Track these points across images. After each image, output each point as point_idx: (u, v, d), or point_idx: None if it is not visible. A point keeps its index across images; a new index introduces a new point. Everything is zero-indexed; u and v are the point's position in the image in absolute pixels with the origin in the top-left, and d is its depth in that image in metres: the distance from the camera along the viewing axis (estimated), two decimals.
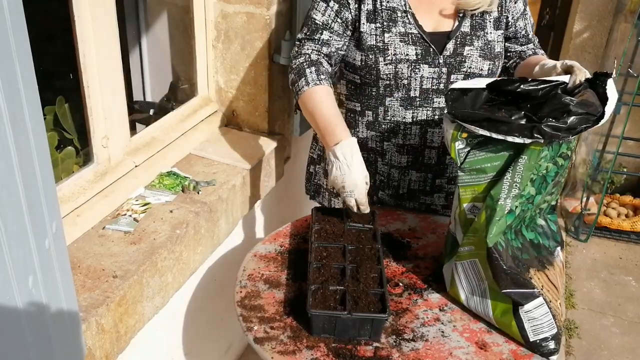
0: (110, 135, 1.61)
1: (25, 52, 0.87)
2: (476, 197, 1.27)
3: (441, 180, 1.70)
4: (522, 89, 1.23)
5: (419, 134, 1.62)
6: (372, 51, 1.54)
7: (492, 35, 1.57)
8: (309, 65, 1.54)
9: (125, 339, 1.41)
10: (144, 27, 2.32)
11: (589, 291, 2.94)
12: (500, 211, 1.21)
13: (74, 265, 1.38)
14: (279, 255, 1.50)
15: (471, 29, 1.55)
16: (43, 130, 0.94)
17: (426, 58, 1.53)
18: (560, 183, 1.33)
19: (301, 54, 1.58)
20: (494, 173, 1.24)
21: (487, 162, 1.24)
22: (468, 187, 1.28)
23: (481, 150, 1.24)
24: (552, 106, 1.18)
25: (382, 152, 1.67)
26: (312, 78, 1.52)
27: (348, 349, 1.21)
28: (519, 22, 1.61)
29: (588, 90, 1.23)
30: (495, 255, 1.22)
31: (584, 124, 1.16)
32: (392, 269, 1.47)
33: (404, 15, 1.53)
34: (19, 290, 0.93)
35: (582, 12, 3.30)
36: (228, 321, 2.10)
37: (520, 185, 1.20)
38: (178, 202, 1.67)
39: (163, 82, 2.33)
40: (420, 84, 1.55)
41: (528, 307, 1.22)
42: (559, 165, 1.26)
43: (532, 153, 1.19)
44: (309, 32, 1.57)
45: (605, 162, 3.24)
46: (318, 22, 1.56)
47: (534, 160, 1.19)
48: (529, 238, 1.31)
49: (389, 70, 1.54)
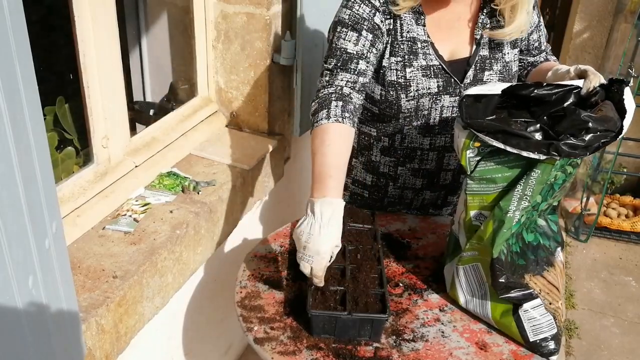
0: (110, 135, 1.61)
1: (25, 52, 0.87)
2: (484, 206, 1.25)
3: (453, 197, 1.68)
4: (535, 93, 1.20)
5: (436, 159, 1.57)
6: (394, 87, 1.46)
7: (510, 55, 1.51)
8: (338, 98, 1.37)
9: (125, 339, 1.41)
10: (144, 27, 2.32)
11: (589, 291, 2.94)
12: (508, 223, 1.20)
13: (74, 265, 1.38)
14: (279, 256, 1.50)
15: (490, 52, 1.49)
16: (43, 130, 0.94)
17: (447, 89, 1.47)
18: (565, 188, 1.31)
19: (332, 84, 1.40)
20: (504, 184, 1.21)
21: (498, 172, 1.20)
22: (476, 195, 1.25)
23: (492, 160, 1.20)
24: (571, 122, 1.14)
25: (395, 176, 1.62)
26: (336, 113, 1.34)
27: (348, 349, 1.21)
28: (532, 35, 1.56)
29: (606, 103, 1.19)
30: (498, 266, 1.22)
31: (602, 139, 1.12)
32: (392, 269, 1.46)
33: (424, 46, 1.45)
34: (19, 290, 0.93)
35: (582, 12, 3.30)
36: (228, 321, 2.10)
37: (531, 198, 1.19)
38: (178, 203, 1.67)
39: (163, 82, 2.33)
40: (440, 113, 1.49)
41: (527, 307, 1.22)
42: (567, 173, 1.23)
43: (546, 168, 1.16)
44: (341, 62, 1.41)
45: (605, 163, 3.24)
46: (351, 52, 1.40)
47: (546, 175, 1.17)
48: (527, 240, 1.31)
49: (410, 105, 1.47)
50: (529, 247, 1.30)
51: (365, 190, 1.69)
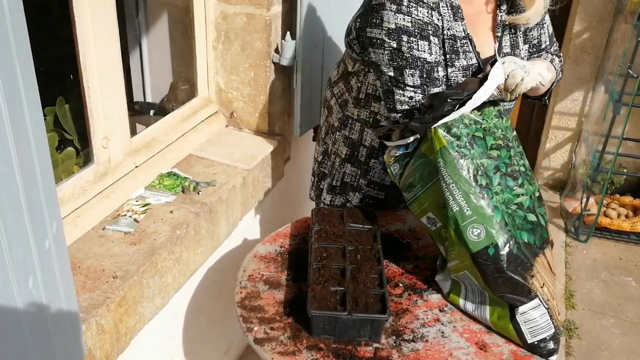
0: (111, 135, 1.61)
1: (25, 52, 0.87)
2: (424, 208, 1.34)
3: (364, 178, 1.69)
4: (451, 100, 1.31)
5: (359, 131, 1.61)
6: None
7: (524, 51, 1.51)
8: None
9: (125, 340, 1.41)
10: (144, 28, 2.32)
11: (589, 292, 2.94)
12: (460, 217, 1.22)
13: (74, 265, 1.38)
14: (279, 256, 1.50)
15: (511, 48, 1.49)
16: (43, 130, 0.94)
17: None
18: (522, 173, 1.31)
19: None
20: (421, 183, 1.33)
21: (410, 176, 1.34)
22: (412, 203, 1.36)
23: (406, 168, 1.35)
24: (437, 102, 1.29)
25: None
26: None
27: (348, 349, 1.21)
28: (532, 31, 1.53)
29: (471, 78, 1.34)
30: (481, 260, 1.21)
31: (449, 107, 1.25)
32: (392, 270, 1.47)
33: (463, 43, 1.42)
34: (19, 290, 0.93)
35: (582, 12, 3.30)
36: (228, 322, 2.10)
37: (456, 184, 1.23)
38: (178, 203, 1.67)
39: (163, 82, 2.33)
40: None
41: (524, 309, 1.22)
42: (496, 156, 1.28)
43: (442, 153, 1.25)
44: (425, 74, 1.39)
45: (605, 163, 3.24)
46: (430, 61, 1.38)
47: (448, 158, 1.24)
48: (524, 239, 1.30)
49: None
50: (528, 245, 1.30)
51: (382, 191, 1.68)
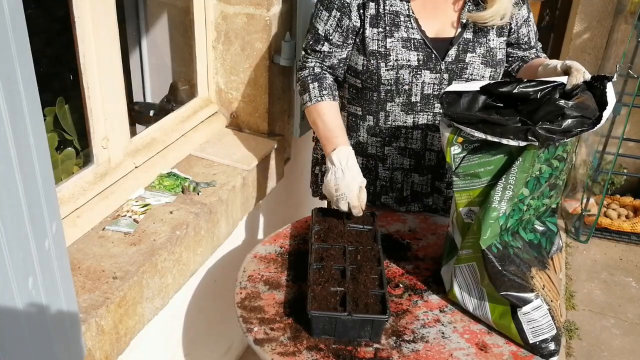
0: (110, 136, 1.61)
1: (25, 52, 0.87)
2: (472, 201, 1.27)
3: (440, 183, 1.70)
4: (518, 90, 1.22)
5: (420, 138, 1.62)
6: (374, 56, 1.52)
7: (495, 43, 1.55)
8: (313, 80, 1.57)
9: (125, 340, 1.41)
10: (144, 28, 2.32)
11: (589, 292, 2.94)
12: (493, 213, 1.21)
13: (73, 266, 1.38)
14: (279, 257, 1.50)
15: (474, 36, 1.54)
16: (43, 131, 0.94)
17: (428, 64, 1.52)
18: (558, 186, 1.32)
19: (305, 67, 1.60)
20: (488, 177, 1.24)
21: (481, 167, 1.24)
22: (463, 192, 1.28)
23: (476, 155, 1.24)
24: (547, 109, 1.18)
25: (382, 157, 1.67)
26: (315, 94, 1.56)
27: (348, 350, 1.21)
28: (522, 28, 1.59)
29: (586, 93, 1.22)
30: (490, 257, 1.22)
31: (579, 127, 1.16)
32: (392, 270, 1.46)
33: (407, 20, 1.51)
34: (19, 291, 0.92)
35: (582, 13, 3.30)
36: (228, 322, 2.10)
37: (515, 187, 1.20)
38: (178, 203, 1.67)
39: (163, 83, 2.33)
40: (422, 89, 1.54)
41: (526, 309, 1.22)
42: (554, 167, 1.25)
43: (527, 155, 1.18)
44: (312, 42, 1.58)
45: (606, 163, 3.24)
46: (320, 33, 1.56)
47: (528, 162, 1.19)
48: (528, 239, 1.31)
49: (390, 76, 1.52)
50: (530, 244, 1.30)
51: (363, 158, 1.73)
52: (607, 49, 3.32)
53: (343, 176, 1.44)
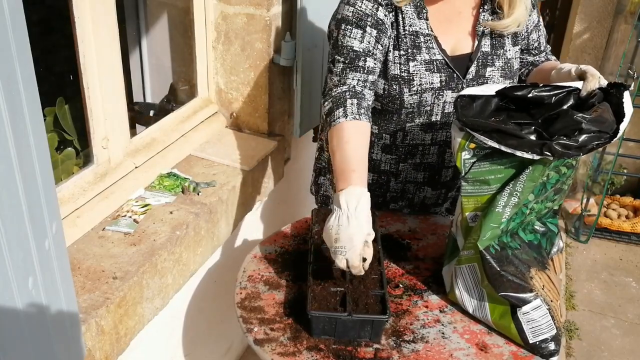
0: (110, 136, 1.61)
1: (25, 52, 0.87)
2: (478, 207, 1.25)
3: (452, 192, 1.68)
4: (533, 94, 1.19)
5: (437, 153, 1.57)
6: (397, 81, 1.45)
7: (511, 53, 1.52)
8: (352, 96, 1.38)
9: (125, 341, 1.41)
10: (144, 28, 2.32)
11: (589, 292, 2.94)
12: (496, 217, 1.20)
13: (73, 266, 1.38)
14: (279, 257, 1.49)
15: (492, 48, 1.50)
16: (43, 131, 0.94)
17: (450, 84, 1.47)
18: (563, 190, 1.31)
19: (344, 83, 1.41)
20: (498, 185, 1.21)
21: (491, 174, 1.21)
22: (471, 197, 1.25)
23: (486, 161, 1.20)
24: (564, 123, 1.14)
25: (396, 172, 1.61)
26: (352, 110, 1.35)
27: (348, 350, 1.21)
28: (532, 34, 1.56)
29: (603, 104, 1.18)
30: (488, 258, 1.22)
31: (596, 141, 1.12)
32: (392, 270, 1.46)
33: (427, 40, 1.45)
34: (19, 291, 0.92)
35: (582, 13, 3.30)
36: (228, 322, 2.10)
37: (521, 195, 1.19)
38: (178, 204, 1.67)
39: (163, 83, 2.33)
40: (443, 109, 1.49)
41: (526, 309, 1.22)
42: (562, 173, 1.24)
43: (538, 167, 1.16)
44: (348, 60, 1.41)
45: (606, 164, 3.24)
46: (357, 50, 1.41)
47: (538, 172, 1.17)
48: (527, 240, 1.31)
49: (413, 100, 1.47)
50: (529, 245, 1.30)
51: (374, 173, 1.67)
52: (607, 49, 3.32)
53: (348, 224, 1.20)
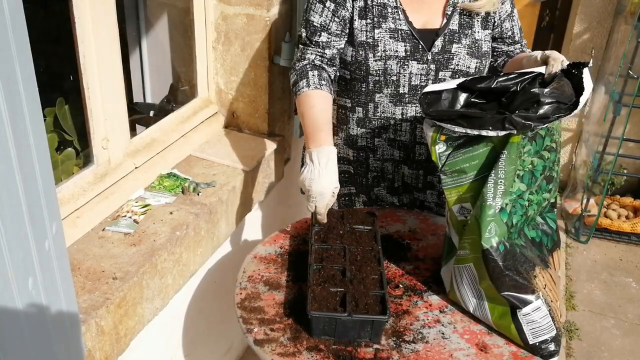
0: (110, 136, 1.61)
1: (25, 53, 0.87)
2: (461, 197, 1.29)
3: (432, 177, 1.71)
4: (497, 84, 1.24)
5: (409, 130, 1.64)
6: (362, 47, 1.55)
7: (480, 35, 1.58)
8: (312, 68, 1.56)
9: (125, 341, 1.40)
10: (144, 29, 2.32)
11: (589, 293, 2.94)
12: (489, 210, 1.21)
13: (73, 266, 1.38)
14: (279, 257, 1.49)
15: (459, 27, 1.57)
16: (43, 131, 0.94)
17: (415, 55, 1.55)
18: (554, 178, 1.33)
19: (305, 58, 1.59)
20: (474, 172, 1.25)
21: (466, 162, 1.26)
22: (452, 189, 1.30)
23: (459, 151, 1.26)
24: (522, 98, 1.20)
25: (373, 148, 1.69)
26: (314, 81, 1.54)
27: (348, 350, 1.21)
28: (505, 23, 1.62)
29: (563, 79, 1.24)
30: (492, 256, 1.21)
31: (556, 113, 1.18)
32: (392, 271, 1.46)
33: (394, 11, 1.54)
34: (19, 291, 0.92)
35: (582, 13, 3.30)
36: (228, 323, 2.10)
37: (505, 181, 1.21)
38: (178, 204, 1.67)
39: (163, 83, 2.33)
40: (409, 80, 1.57)
41: (526, 310, 1.22)
42: (546, 158, 1.27)
43: (512, 147, 1.20)
44: (308, 34, 1.58)
45: (606, 164, 3.24)
46: (316, 24, 1.56)
47: (514, 154, 1.20)
48: (530, 236, 1.31)
49: (378, 67, 1.55)
50: (532, 242, 1.30)
51: (350, 165, 1.76)
52: (607, 49, 3.32)
53: (319, 178, 1.41)
